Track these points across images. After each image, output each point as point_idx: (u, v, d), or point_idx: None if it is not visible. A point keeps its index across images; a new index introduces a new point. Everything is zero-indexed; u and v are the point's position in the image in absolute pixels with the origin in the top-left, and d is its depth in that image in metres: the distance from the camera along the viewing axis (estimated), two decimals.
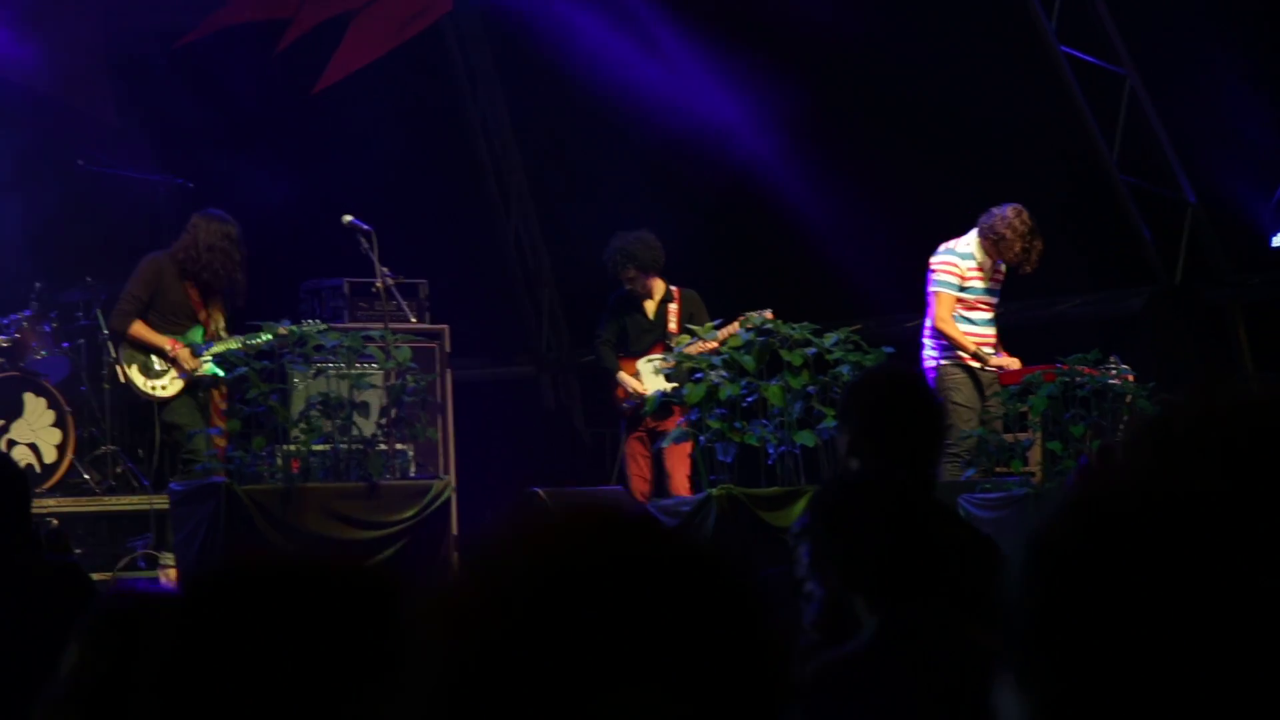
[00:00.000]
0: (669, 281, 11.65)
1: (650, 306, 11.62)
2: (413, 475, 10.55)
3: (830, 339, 10.45)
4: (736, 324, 10.88)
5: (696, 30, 13.51)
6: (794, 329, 10.49)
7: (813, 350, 10.41)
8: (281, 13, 14.24)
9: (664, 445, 11.03)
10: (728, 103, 13.25)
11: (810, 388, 10.33)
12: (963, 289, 10.68)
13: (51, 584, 6.35)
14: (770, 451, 10.30)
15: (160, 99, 13.39)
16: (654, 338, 11.57)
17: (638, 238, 11.51)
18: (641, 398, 11.30)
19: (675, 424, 10.92)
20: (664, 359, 11.33)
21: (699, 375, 10.46)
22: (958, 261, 10.70)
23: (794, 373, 10.36)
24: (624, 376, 11.46)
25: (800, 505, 10.04)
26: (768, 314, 10.79)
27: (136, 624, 3.15)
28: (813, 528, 4.09)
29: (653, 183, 13.37)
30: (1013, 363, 10.68)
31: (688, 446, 10.75)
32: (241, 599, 1.83)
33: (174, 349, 10.89)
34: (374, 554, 9.73)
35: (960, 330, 10.64)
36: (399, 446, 10.51)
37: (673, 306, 11.62)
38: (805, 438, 10.23)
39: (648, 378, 11.46)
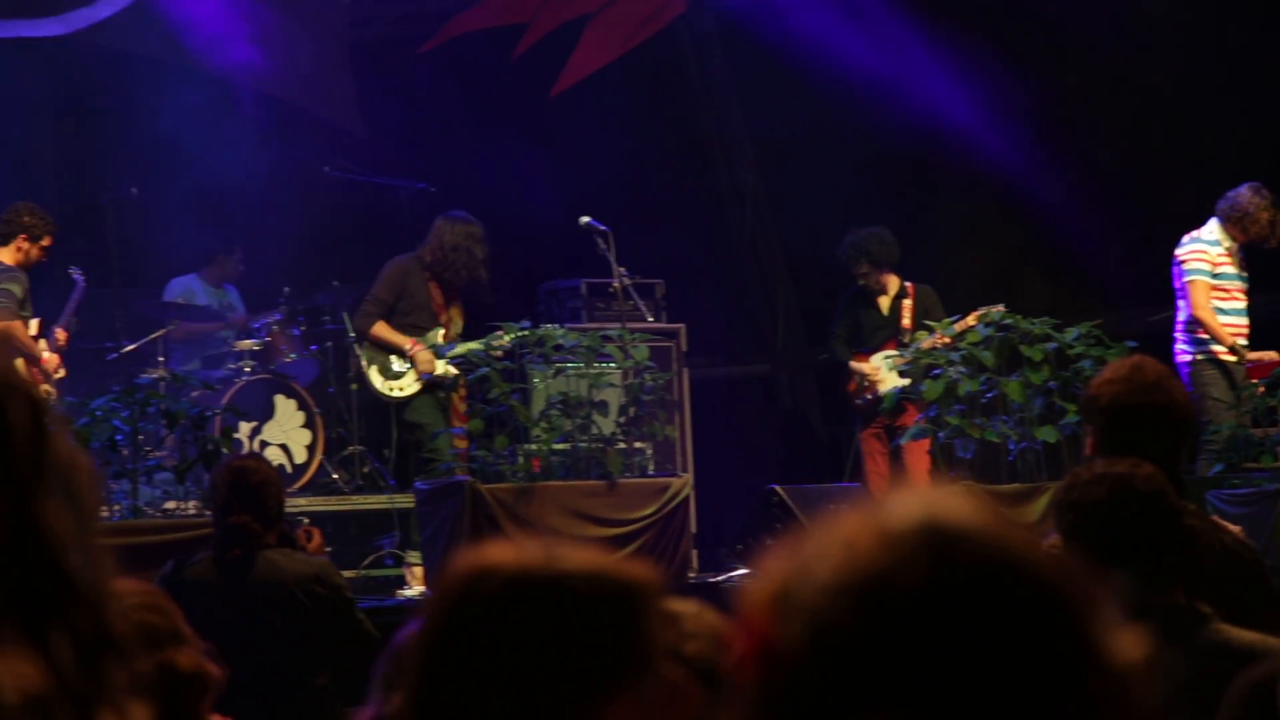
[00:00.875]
0: (904, 277, 11.61)
1: (884, 302, 11.58)
2: (651, 473, 10.62)
3: (1071, 334, 10.32)
4: (972, 317, 10.78)
5: (927, 23, 13.42)
6: (1034, 324, 10.37)
7: (1053, 345, 10.29)
8: (518, 17, 14.44)
9: (902, 442, 10.97)
10: (962, 96, 13.14)
11: (1051, 383, 10.22)
12: (1215, 275, 10.59)
13: (304, 579, 6.52)
14: (1011, 448, 10.21)
15: (402, 105, 13.65)
16: (887, 334, 11.52)
17: (872, 233, 11.49)
18: (875, 390, 11.28)
19: (911, 420, 10.86)
20: (899, 355, 11.28)
21: (937, 371, 10.40)
22: (1206, 248, 10.60)
23: (1034, 368, 10.25)
24: (857, 365, 11.44)
25: (1042, 502, 9.94)
26: (1001, 308, 10.69)
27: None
28: (1058, 524, 4.06)
29: (887, 178, 13.31)
30: (1270, 356, 10.53)
31: (926, 443, 10.67)
32: (495, 593, 1.85)
33: (413, 349, 11.09)
34: (614, 551, 9.79)
35: (1218, 320, 10.53)
36: (638, 444, 10.58)
37: (907, 302, 11.56)
38: (1046, 433, 10.13)
39: (882, 374, 11.41)
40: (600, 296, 11.91)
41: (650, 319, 11.71)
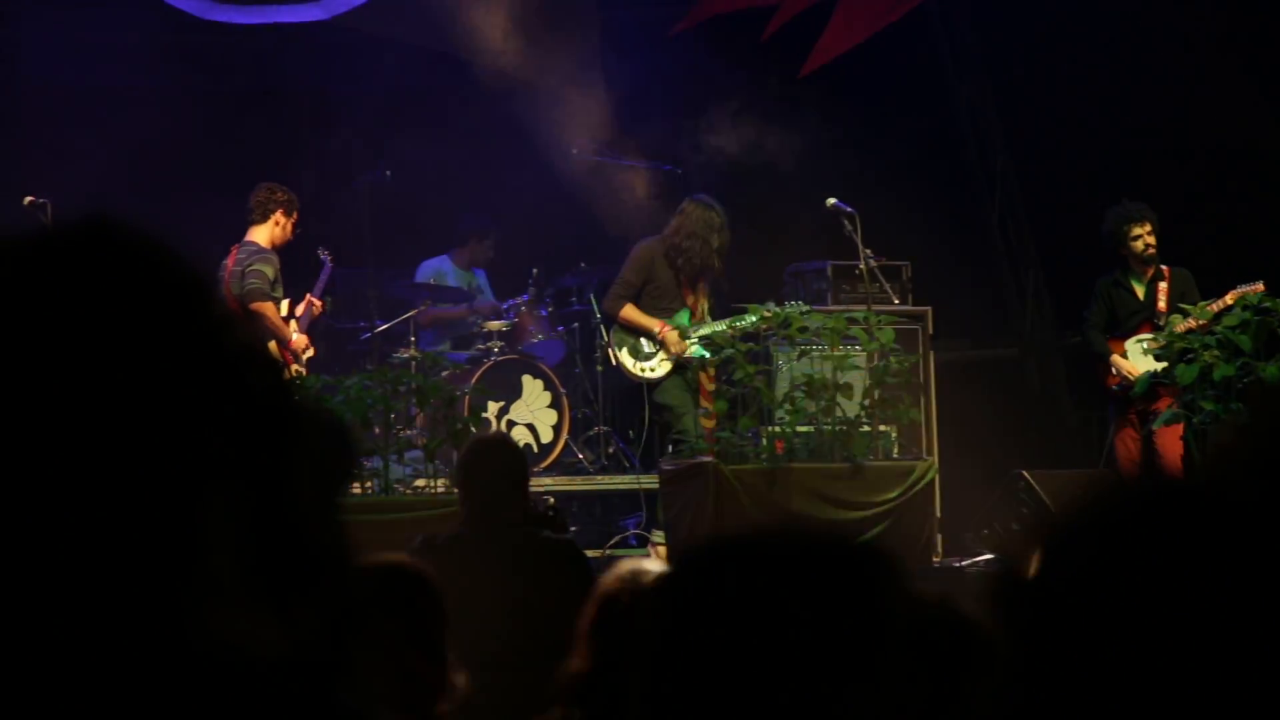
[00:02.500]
0: (1160, 260, 11.37)
1: (1139, 286, 11.35)
2: (896, 456, 10.55)
3: None
4: (1230, 297, 10.53)
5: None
6: None
7: None
8: (767, 0, 14.41)
9: (1155, 427, 10.76)
10: (1222, 69, 12.83)
11: None
12: None
13: (550, 560, 6.59)
14: None
15: (652, 88, 13.72)
16: (1142, 318, 11.30)
17: (1139, 209, 11.29)
18: (1131, 379, 11.07)
19: (1165, 406, 10.65)
20: (1152, 339, 11.06)
21: (1191, 355, 10.18)
22: None
23: None
24: (1115, 359, 11.22)
25: None
26: (1259, 286, 10.42)
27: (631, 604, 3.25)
28: None
29: (1140, 158, 13.04)
30: None
31: (1179, 429, 10.46)
32: (735, 570, 1.86)
33: (662, 331, 11.15)
34: (859, 534, 9.71)
35: None
36: (882, 428, 10.51)
37: (1163, 285, 11.32)
38: None
39: (1136, 358, 11.19)
40: (846, 278, 11.85)
41: (896, 301, 11.63)
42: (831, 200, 11.36)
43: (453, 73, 13.42)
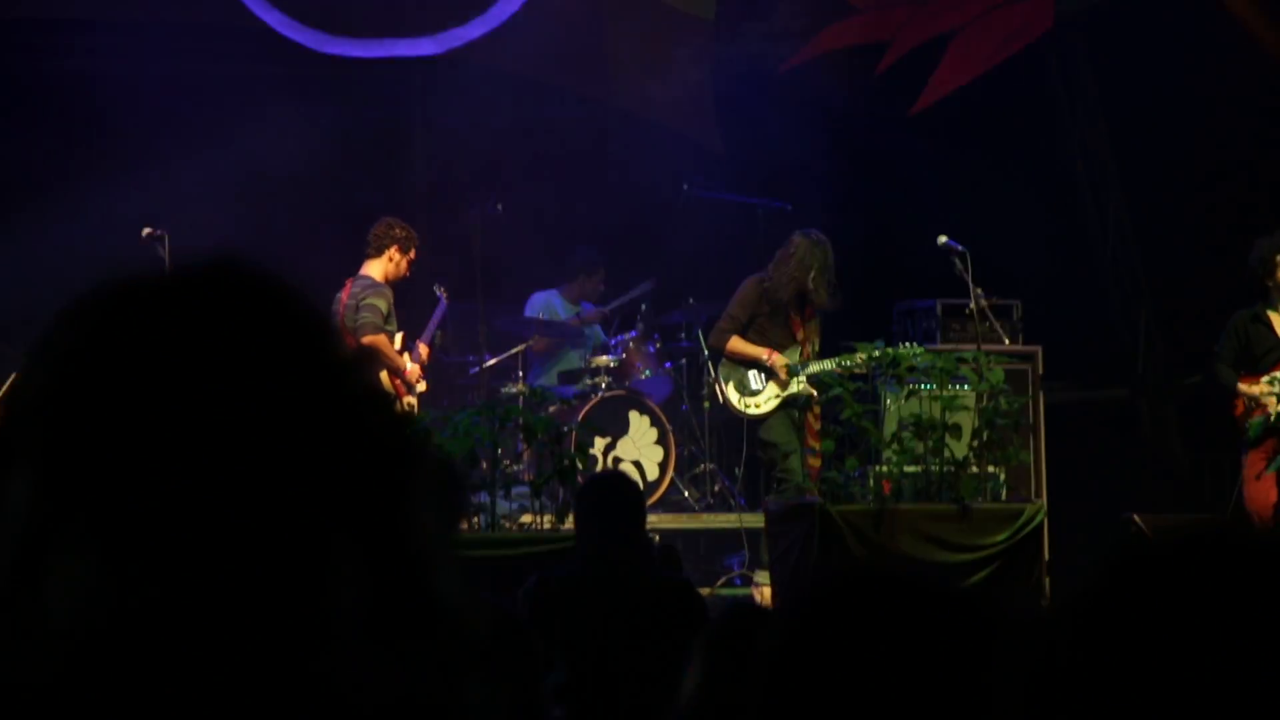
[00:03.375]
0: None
1: (1278, 321, 10.99)
2: (1004, 498, 10.47)
3: None
4: None
5: None
6: None
7: None
8: (881, 35, 14.39)
9: (1268, 471, 10.60)
10: None
11: None
12: None
13: (666, 600, 6.57)
14: None
15: (763, 123, 13.72)
16: (1279, 355, 10.95)
17: None
18: (1265, 412, 10.78)
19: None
20: (1274, 379, 10.88)
21: None
22: None
23: None
24: (1244, 386, 10.88)
25: None
26: None
27: (754, 637, 3.26)
28: None
29: (1256, 204, 12.87)
30: None
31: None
32: (847, 611, 1.86)
33: (770, 358, 11.14)
34: (966, 577, 9.71)
35: None
36: (990, 469, 10.43)
37: None
38: None
39: (1268, 396, 10.92)
40: (956, 317, 11.79)
41: (1006, 341, 11.55)
42: (943, 238, 11.31)
43: (565, 105, 13.50)
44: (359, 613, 1.30)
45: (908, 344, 10.86)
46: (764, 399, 11.23)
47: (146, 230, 11.08)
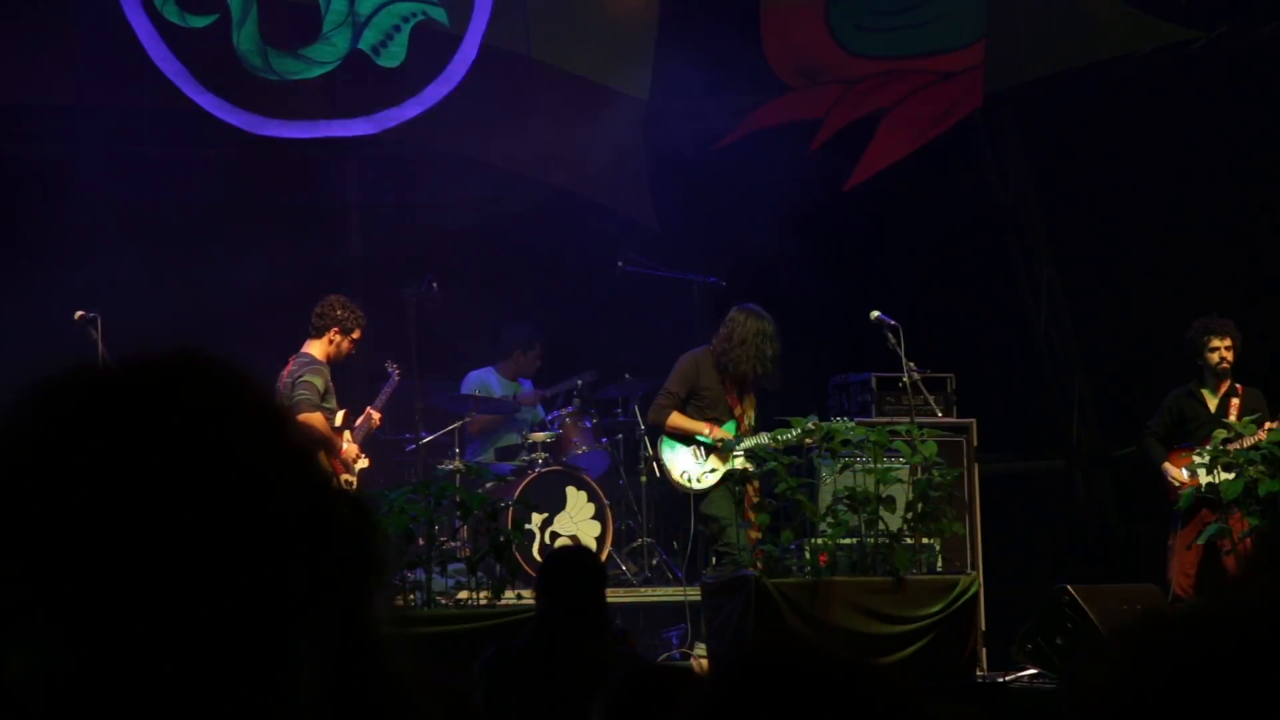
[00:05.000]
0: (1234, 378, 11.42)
1: (1212, 399, 11.38)
2: (939, 570, 10.51)
3: None
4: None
5: (1225, 119, 13.17)
6: None
7: None
8: (813, 113, 14.53)
9: (1199, 541, 10.75)
10: (1259, 189, 12.85)
11: None
12: None
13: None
14: None
15: (697, 199, 13.82)
16: (1211, 429, 11.23)
17: (1222, 323, 11.36)
18: (1178, 485, 11.09)
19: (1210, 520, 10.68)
20: (1202, 452, 11.07)
21: (1237, 470, 10.15)
22: None
23: None
24: (1165, 466, 11.24)
25: None
26: None
27: (659, 697, 3.28)
28: None
29: (1195, 274, 13.03)
30: None
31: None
32: (768, 682, 1.87)
33: (711, 432, 11.19)
34: (900, 649, 9.75)
35: None
36: (925, 541, 10.48)
37: (1235, 401, 11.34)
38: None
39: (1201, 471, 11.17)
40: (890, 390, 11.87)
41: (939, 413, 11.63)
42: (875, 313, 11.40)
43: (499, 186, 13.56)
44: (319, 693, 1.32)
45: (842, 418, 10.93)
46: (704, 474, 11.27)
47: (79, 313, 11.06)
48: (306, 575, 1.32)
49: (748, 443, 11.07)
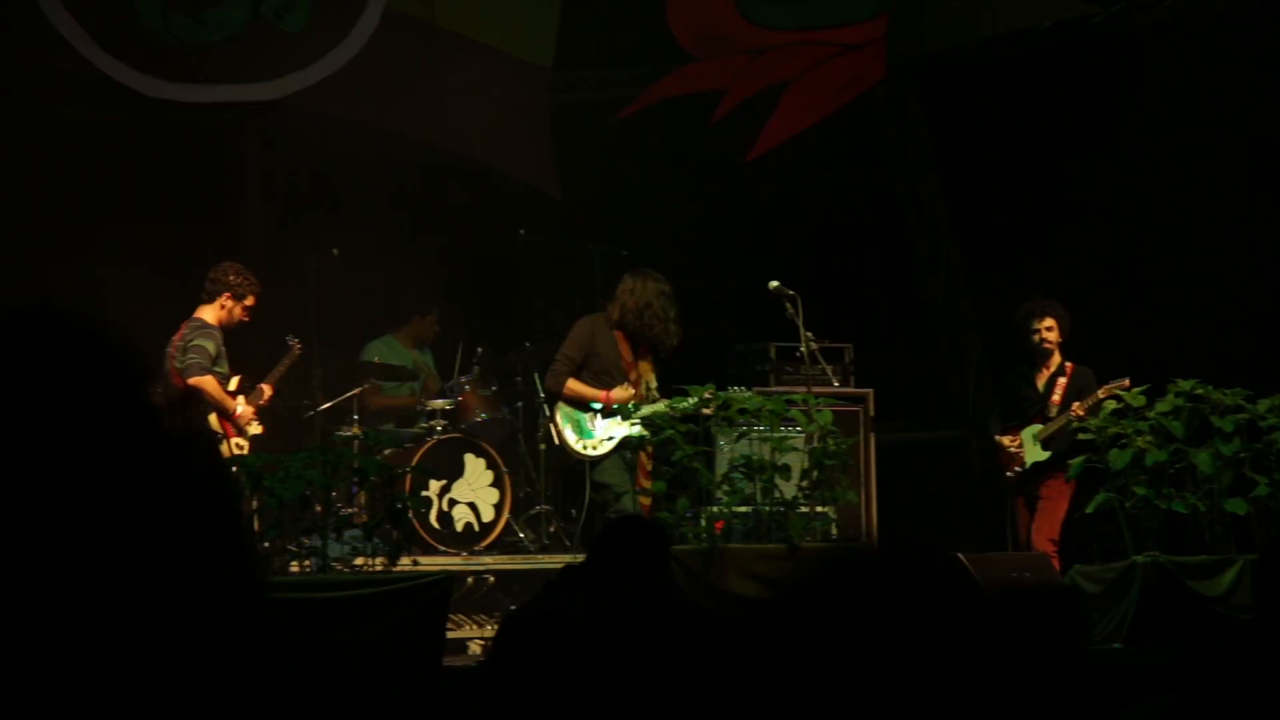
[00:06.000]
0: (1075, 355, 11.60)
1: (1040, 379, 11.59)
2: (834, 538, 10.60)
3: (1264, 405, 10.19)
4: (1101, 392, 10.88)
5: (1121, 94, 13.33)
6: (1225, 394, 10.24)
7: (1245, 416, 10.15)
8: (717, 84, 14.54)
9: (1088, 510, 10.92)
10: (1156, 165, 13.02)
11: (1242, 454, 10.08)
12: None
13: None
14: (1199, 519, 10.07)
15: (600, 168, 13.83)
16: (1036, 410, 11.56)
17: (1045, 304, 11.58)
18: (1021, 462, 11.32)
19: (1047, 489, 11.06)
20: (1045, 428, 11.36)
21: (1125, 440, 10.30)
22: None
23: (1225, 439, 10.11)
24: (999, 439, 11.54)
25: (1231, 574, 9.78)
26: (1125, 383, 10.71)
27: (538, 635, 3.33)
28: None
29: (1082, 246, 13.19)
30: None
31: (1060, 510, 10.81)
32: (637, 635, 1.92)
33: (606, 398, 11.24)
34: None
35: None
36: (820, 509, 10.58)
37: (1061, 380, 11.57)
38: (1236, 506, 9.98)
39: (1030, 448, 11.46)
40: (788, 360, 11.94)
41: (836, 383, 11.72)
42: (774, 283, 11.47)
43: (402, 152, 13.52)
44: (168, 645, 1.34)
45: (739, 387, 11.00)
46: (599, 441, 11.31)
47: None
48: (163, 530, 1.33)
49: (645, 410, 11.12)
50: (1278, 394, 10.27)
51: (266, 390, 11.58)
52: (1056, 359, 11.61)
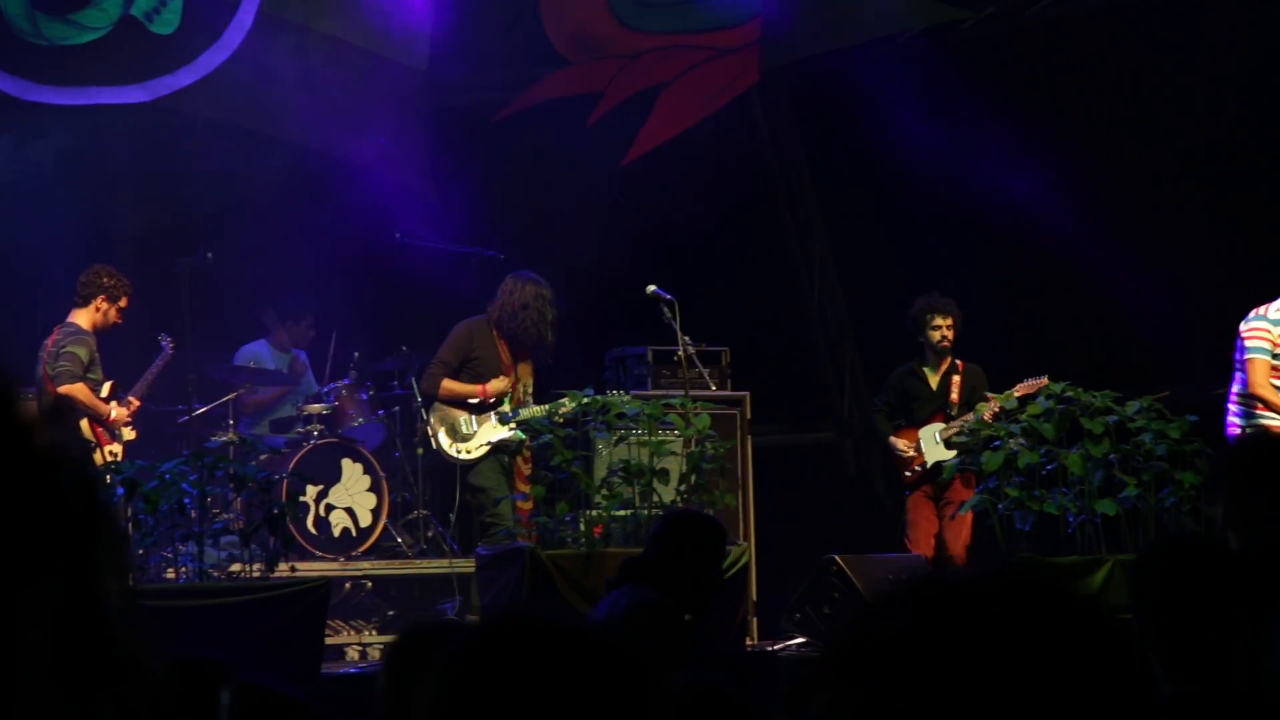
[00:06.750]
0: (957, 354, 11.74)
1: (934, 377, 11.71)
2: None
3: (1132, 407, 10.35)
4: (1018, 390, 11.00)
5: (992, 98, 13.50)
6: (1095, 397, 10.40)
7: (1114, 418, 10.31)
8: (593, 86, 14.58)
9: (961, 512, 11.04)
10: (1027, 168, 13.18)
11: (1111, 456, 10.24)
12: (1276, 355, 10.46)
13: None
14: (1070, 520, 10.21)
15: (476, 172, 13.81)
16: (935, 408, 11.67)
17: (943, 301, 11.68)
18: (922, 462, 11.43)
19: (957, 492, 11.04)
20: (947, 427, 11.44)
21: (997, 443, 10.43)
22: (1269, 327, 10.47)
23: (1095, 441, 10.27)
24: (892, 440, 11.59)
25: (1102, 574, 9.93)
26: (1044, 381, 10.84)
27: (430, 645, 3.34)
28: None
29: (954, 251, 13.34)
30: None
31: (969, 516, 10.90)
32: (516, 647, 1.91)
33: (482, 392, 11.25)
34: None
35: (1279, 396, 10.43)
36: None
37: (956, 378, 11.70)
38: (1106, 506, 10.14)
39: (929, 447, 11.56)
40: (665, 364, 12.00)
41: (714, 387, 11.79)
42: (651, 287, 11.51)
43: (276, 156, 13.43)
44: (43, 661, 1.33)
45: (617, 391, 11.03)
46: (475, 444, 11.30)
47: None
48: (31, 542, 1.33)
49: (524, 414, 11.13)
50: (1146, 396, 10.43)
51: (134, 402, 11.48)
52: (949, 357, 11.74)
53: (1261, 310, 10.56)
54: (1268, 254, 11.54)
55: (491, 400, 11.31)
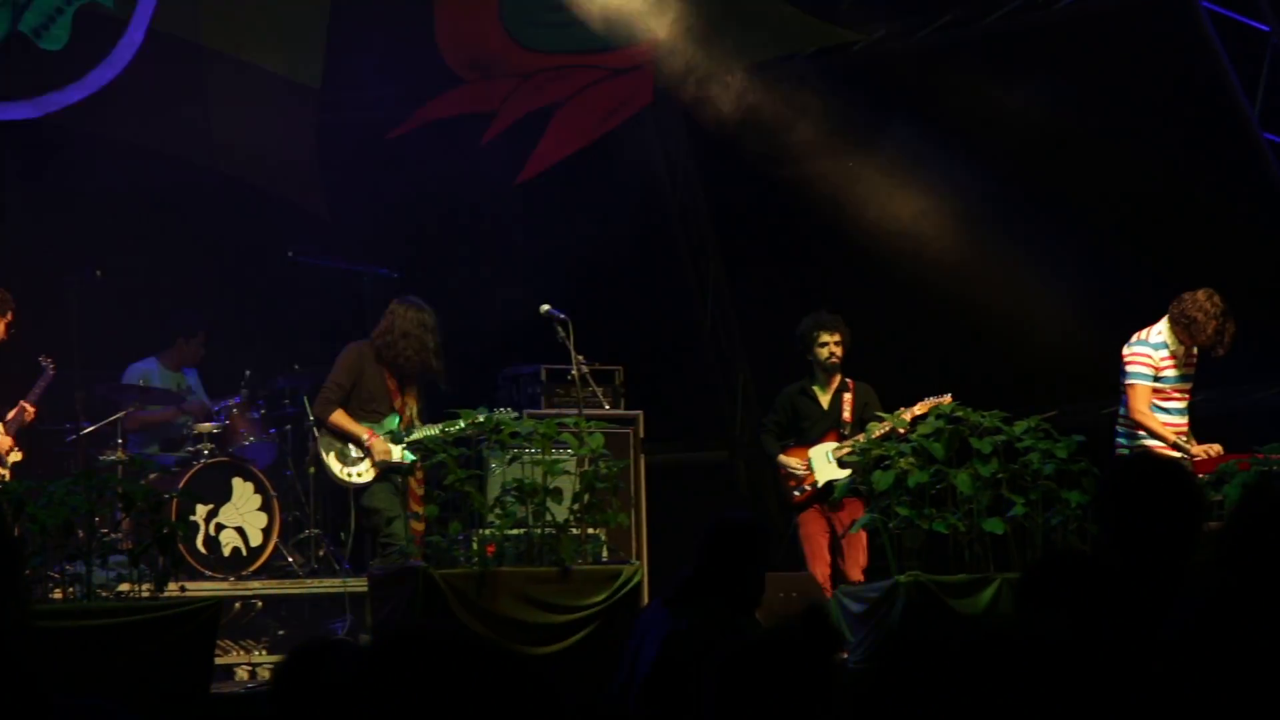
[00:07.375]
0: (846, 373, 11.79)
1: (824, 395, 11.76)
2: (604, 560, 10.67)
3: (1020, 427, 10.45)
4: (919, 407, 11.04)
5: (881, 119, 13.62)
6: (983, 416, 10.50)
7: (1003, 438, 10.42)
8: (486, 106, 14.58)
9: (853, 531, 11.11)
10: (917, 187, 13.31)
11: (999, 475, 10.34)
12: (1157, 379, 10.60)
13: None
14: (959, 539, 10.31)
15: (369, 190, 13.77)
16: (827, 426, 11.72)
17: (831, 319, 11.72)
18: (812, 480, 11.48)
19: (847, 511, 11.11)
20: (839, 446, 11.50)
21: (887, 462, 10.50)
22: (1150, 352, 10.61)
23: (983, 460, 10.37)
24: (781, 459, 11.65)
25: (989, 592, 10.03)
26: (947, 398, 10.91)
27: (320, 664, 3.36)
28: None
29: (847, 271, 13.44)
30: (1214, 450, 10.50)
31: (863, 534, 10.96)
32: (413, 661, 1.92)
33: (370, 439, 11.19)
34: (565, 638, 9.88)
35: (1159, 421, 10.56)
36: (591, 531, 10.63)
37: (847, 396, 11.76)
38: (994, 525, 10.24)
39: (820, 465, 11.60)
40: (559, 383, 12.01)
41: (607, 406, 11.81)
42: (545, 306, 11.51)
43: (167, 172, 13.34)
44: None
45: (510, 410, 11.03)
46: (364, 468, 11.26)
47: None
48: None
49: (417, 434, 11.10)
50: (1034, 416, 10.54)
51: (29, 409, 11.35)
52: (838, 375, 11.77)
53: (1143, 335, 10.70)
54: (1152, 278, 11.70)
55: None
